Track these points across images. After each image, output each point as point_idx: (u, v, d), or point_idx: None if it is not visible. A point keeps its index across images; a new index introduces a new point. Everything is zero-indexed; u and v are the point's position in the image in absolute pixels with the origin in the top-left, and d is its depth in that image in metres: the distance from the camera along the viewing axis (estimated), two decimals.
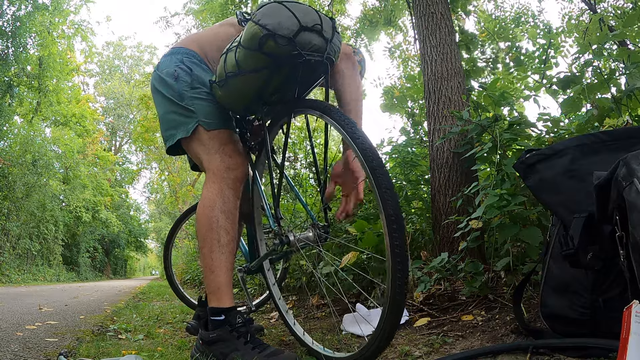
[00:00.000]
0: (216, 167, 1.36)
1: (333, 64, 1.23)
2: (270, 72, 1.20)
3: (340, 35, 1.24)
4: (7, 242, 11.30)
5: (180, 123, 1.40)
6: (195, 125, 1.38)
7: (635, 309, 0.70)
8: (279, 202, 1.39)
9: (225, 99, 1.34)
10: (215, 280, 1.31)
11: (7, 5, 11.21)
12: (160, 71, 1.47)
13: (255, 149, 1.52)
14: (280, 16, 1.13)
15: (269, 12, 1.15)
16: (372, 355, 1.04)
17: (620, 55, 1.77)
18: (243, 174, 1.41)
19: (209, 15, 6.68)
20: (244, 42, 1.18)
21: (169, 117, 1.44)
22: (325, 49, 1.17)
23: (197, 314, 1.74)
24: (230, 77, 1.24)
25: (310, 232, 1.31)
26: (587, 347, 1.00)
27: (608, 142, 1.14)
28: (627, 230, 0.85)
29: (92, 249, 19.19)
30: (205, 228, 1.33)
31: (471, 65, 2.70)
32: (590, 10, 4.66)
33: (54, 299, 4.25)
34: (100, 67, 27.00)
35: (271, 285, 1.59)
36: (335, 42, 1.20)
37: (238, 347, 1.24)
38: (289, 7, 1.14)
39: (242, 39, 1.20)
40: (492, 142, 1.75)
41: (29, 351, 1.52)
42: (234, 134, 1.46)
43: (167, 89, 1.43)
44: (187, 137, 1.39)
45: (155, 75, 1.50)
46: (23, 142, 12.23)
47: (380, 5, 5.29)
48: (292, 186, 1.59)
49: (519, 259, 1.67)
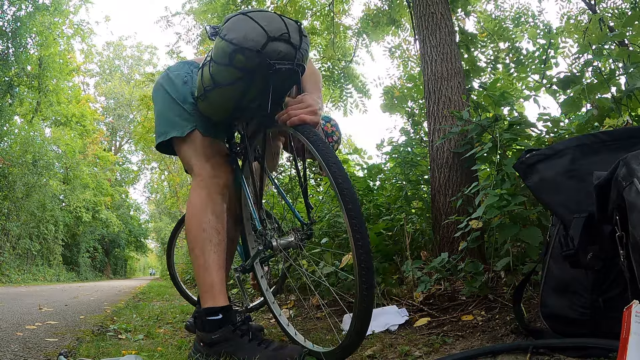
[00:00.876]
0: (207, 175, 1.41)
1: (304, 70, 1.26)
2: (245, 84, 1.23)
3: (308, 37, 1.26)
4: (7, 242, 11.30)
5: (177, 123, 1.43)
6: (192, 129, 1.41)
7: (635, 309, 0.70)
8: (262, 205, 1.46)
9: (208, 110, 1.38)
10: (208, 278, 1.33)
11: (7, 5, 11.22)
12: (170, 72, 1.51)
13: (241, 153, 1.56)
14: (246, 28, 1.15)
15: (234, 26, 1.17)
16: (348, 346, 1.14)
17: (620, 55, 1.77)
18: (229, 181, 1.47)
19: (210, 15, 6.67)
20: (215, 58, 1.22)
21: (167, 114, 1.46)
22: (294, 56, 1.19)
23: (196, 312, 1.74)
24: (209, 90, 1.28)
25: (291, 237, 1.35)
26: (587, 347, 1.00)
27: (608, 142, 1.14)
28: (627, 230, 0.85)
29: (92, 249, 19.19)
30: (196, 229, 1.36)
31: (471, 65, 2.70)
32: (590, 11, 4.66)
33: (54, 299, 4.26)
34: (101, 67, 27.03)
35: (264, 291, 1.65)
36: (303, 47, 1.22)
37: (243, 346, 1.24)
38: (253, 18, 1.16)
39: (212, 54, 1.23)
40: (492, 142, 1.75)
41: (29, 351, 1.52)
42: (223, 144, 1.52)
43: (172, 89, 1.46)
44: (181, 138, 1.42)
45: (164, 74, 1.53)
46: (23, 142, 12.24)
47: (382, 4, 5.30)
48: (277, 187, 1.69)
49: (519, 259, 1.67)
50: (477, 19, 5.01)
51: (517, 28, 4.77)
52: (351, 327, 1.11)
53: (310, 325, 1.95)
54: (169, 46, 12.25)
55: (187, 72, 1.48)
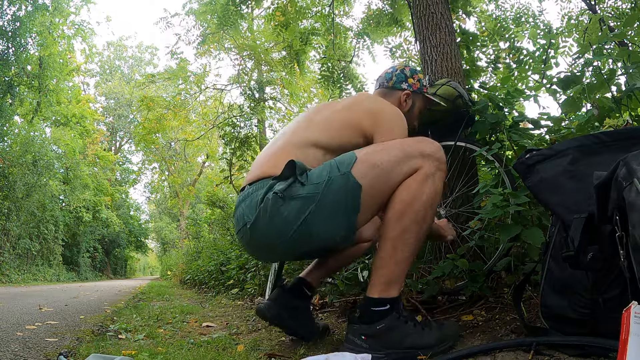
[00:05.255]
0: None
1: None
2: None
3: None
4: (7, 242, 11.30)
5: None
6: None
7: (634, 310, 0.70)
8: None
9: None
10: (405, 270, 1.26)
11: (7, 5, 11.21)
12: None
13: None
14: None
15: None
16: None
17: (620, 55, 1.77)
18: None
19: (209, 16, 6.68)
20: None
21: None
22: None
23: (279, 296, 1.58)
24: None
25: None
26: (590, 346, 1.00)
27: (608, 142, 1.14)
28: (627, 230, 0.85)
29: (92, 249, 19.19)
30: (431, 218, 1.29)
31: (471, 65, 2.69)
32: (590, 11, 4.66)
33: (54, 299, 4.26)
34: (101, 67, 27.03)
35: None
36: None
37: (410, 331, 1.23)
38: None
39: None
40: (498, 142, 1.75)
41: (29, 351, 1.52)
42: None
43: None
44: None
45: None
46: (23, 142, 12.23)
47: (383, 4, 5.29)
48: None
49: (519, 259, 1.67)
50: (477, 19, 5.01)
51: (518, 28, 4.77)
52: None
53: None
54: (169, 47, 12.22)
55: None
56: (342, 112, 1.44)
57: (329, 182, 1.22)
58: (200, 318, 2.63)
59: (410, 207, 1.23)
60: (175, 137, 16.28)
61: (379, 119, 1.39)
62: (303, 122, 1.48)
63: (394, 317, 1.23)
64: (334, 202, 1.22)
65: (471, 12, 3.98)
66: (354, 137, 1.39)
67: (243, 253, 4.34)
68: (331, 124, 1.42)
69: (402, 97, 1.61)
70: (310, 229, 1.22)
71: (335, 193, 1.22)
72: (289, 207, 1.22)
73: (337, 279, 2.21)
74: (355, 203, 1.22)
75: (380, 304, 1.24)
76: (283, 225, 1.23)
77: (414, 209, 1.23)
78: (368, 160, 1.25)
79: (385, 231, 1.25)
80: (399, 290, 1.27)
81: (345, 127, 1.40)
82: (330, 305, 2.32)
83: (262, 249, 1.39)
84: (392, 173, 1.24)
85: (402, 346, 1.22)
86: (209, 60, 21.11)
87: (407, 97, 1.62)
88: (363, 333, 1.24)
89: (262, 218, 1.26)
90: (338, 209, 1.22)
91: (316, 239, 1.25)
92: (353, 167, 1.23)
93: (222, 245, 6.23)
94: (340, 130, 1.40)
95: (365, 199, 1.23)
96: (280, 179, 1.26)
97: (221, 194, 10.44)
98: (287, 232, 1.23)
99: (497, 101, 1.90)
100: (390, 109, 1.43)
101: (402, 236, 1.23)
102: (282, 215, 1.22)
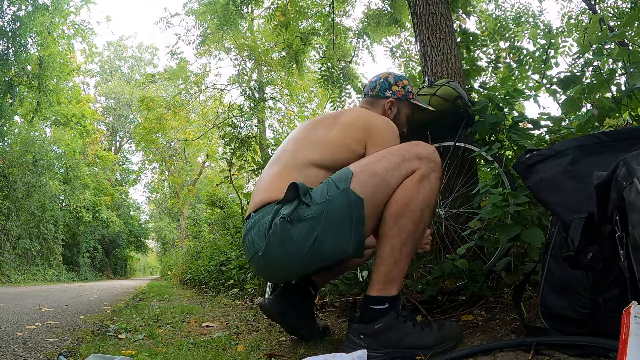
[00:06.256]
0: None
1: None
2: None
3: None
4: (7, 242, 11.29)
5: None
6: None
7: (634, 310, 0.70)
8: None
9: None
10: (404, 269, 1.28)
11: (7, 5, 11.21)
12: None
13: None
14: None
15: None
16: None
17: (620, 55, 1.77)
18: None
19: (210, 16, 6.68)
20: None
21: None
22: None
23: (282, 291, 1.58)
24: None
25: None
26: (590, 346, 1.00)
27: (608, 142, 1.14)
28: (627, 231, 0.85)
29: (92, 249, 19.18)
30: (430, 216, 1.31)
31: (471, 65, 2.69)
32: (590, 10, 4.66)
33: (54, 299, 4.25)
34: (101, 67, 27.03)
35: None
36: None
37: (409, 331, 1.24)
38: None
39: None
40: (498, 141, 1.75)
41: (29, 351, 1.52)
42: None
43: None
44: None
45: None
46: (23, 142, 12.22)
47: (383, 4, 5.30)
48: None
49: (519, 259, 1.67)
50: (477, 19, 5.01)
51: (518, 28, 4.77)
52: None
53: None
54: (169, 47, 12.21)
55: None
56: (337, 133, 1.48)
57: (331, 200, 1.25)
58: (200, 318, 2.63)
59: (406, 208, 1.25)
60: (175, 137, 16.29)
61: (373, 136, 1.45)
62: (300, 141, 1.52)
63: (392, 316, 1.24)
64: (340, 218, 1.24)
65: (471, 12, 3.98)
66: (351, 154, 1.44)
67: (243, 253, 4.33)
68: (327, 144, 1.47)
69: (386, 105, 1.64)
70: (322, 247, 1.24)
71: (340, 209, 1.24)
72: (298, 230, 1.24)
73: (337, 279, 2.21)
74: (359, 215, 1.24)
75: (379, 302, 1.25)
76: (295, 248, 1.25)
77: (410, 209, 1.25)
78: (366, 171, 1.28)
79: (383, 231, 1.28)
80: (398, 289, 1.28)
81: (341, 145, 1.45)
82: (330, 305, 2.32)
83: (277, 272, 1.41)
84: (391, 178, 1.27)
85: (401, 346, 1.23)
86: (209, 60, 21.16)
87: (392, 105, 1.64)
88: (362, 332, 1.25)
89: (273, 244, 1.29)
90: (345, 224, 1.25)
91: (329, 255, 1.27)
92: (351, 182, 1.27)
93: (222, 245, 6.23)
94: (337, 149, 1.45)
95: (368, 208, 1.25)
96: (285, 203, 1.29)
97: (221, 194, 10.43)
98: (301, 254, 1.25)
99: (497, 101, 1.90)
100: (383, 124, 1.48)
101: (399, 236, 1.25)
102: (293, 239, 1.25)
